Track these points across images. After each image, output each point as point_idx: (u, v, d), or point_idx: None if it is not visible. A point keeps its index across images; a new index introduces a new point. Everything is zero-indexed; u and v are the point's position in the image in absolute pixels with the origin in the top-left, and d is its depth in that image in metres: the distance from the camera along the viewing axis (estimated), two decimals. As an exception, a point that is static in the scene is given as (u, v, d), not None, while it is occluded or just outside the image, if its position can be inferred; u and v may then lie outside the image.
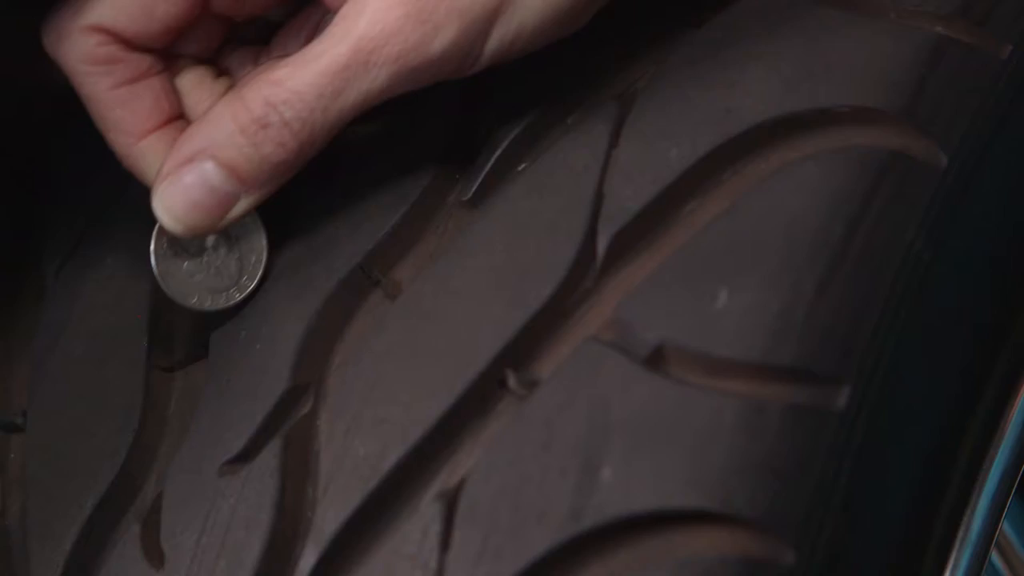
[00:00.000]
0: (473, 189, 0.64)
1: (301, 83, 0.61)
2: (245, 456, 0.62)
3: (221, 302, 0.67)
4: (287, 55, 0.65)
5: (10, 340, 0.77)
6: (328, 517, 0.58)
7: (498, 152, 0.64)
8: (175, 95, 0.67)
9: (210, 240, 0.67)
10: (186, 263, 0.67)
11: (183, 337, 0.70)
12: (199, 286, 0.67)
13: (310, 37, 0.68)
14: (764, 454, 0.53)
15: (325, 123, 0.62)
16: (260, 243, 0.68)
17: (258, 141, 0.62)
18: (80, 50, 0.64)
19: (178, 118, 0.67)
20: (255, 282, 0.67)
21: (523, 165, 0.64)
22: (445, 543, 0.55)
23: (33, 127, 0.72)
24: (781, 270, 0.56)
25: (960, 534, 0.64)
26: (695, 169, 0.59)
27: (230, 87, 0.69)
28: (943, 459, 0.62)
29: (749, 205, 0.58)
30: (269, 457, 0.61)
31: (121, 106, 0.65)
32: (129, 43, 0.64)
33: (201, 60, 0.69)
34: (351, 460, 0.58)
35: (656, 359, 0.56)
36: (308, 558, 0.57)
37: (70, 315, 0.73)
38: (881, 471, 0.58)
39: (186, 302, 0.67)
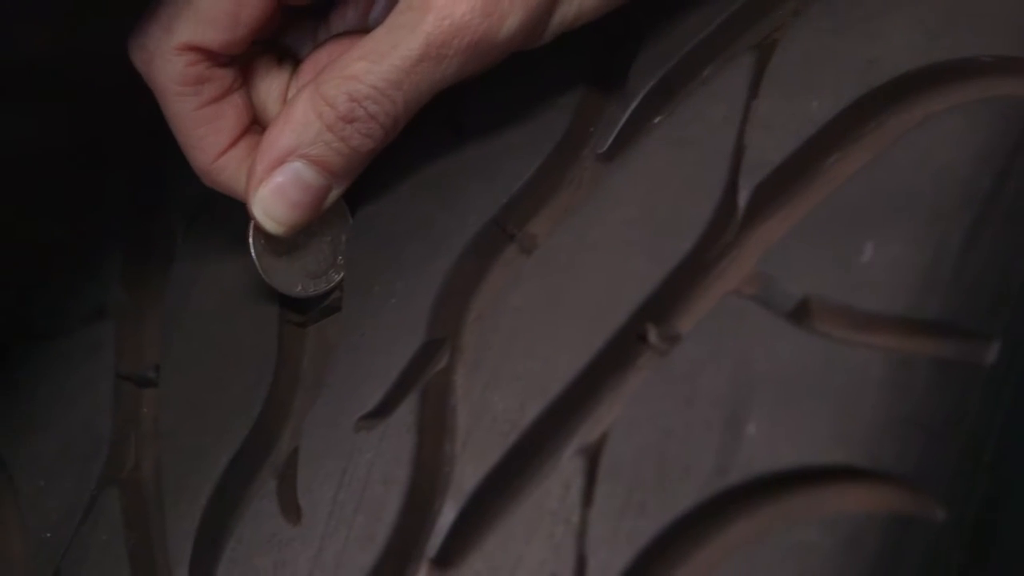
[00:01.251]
0: (608, 142, 0.64)
1: (379, 78, 0.62)
2: (381, 411, 0.62)
3: (322, 285, 0.68)
4: (350, 32, 0.67)
5: (141, 297, 0.77)
6: (467, 473, 0.57)
7: (633, 104, 0.64)
8: (251, 106, 0.69)
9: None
10: (284, 255, 0.68)
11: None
12: (299, 274, 0.68)
13: (367, 9, 0.69)
14: (912, 409, 0.53)
15: (406, 111, 0.63)
16: (346, 222, 0.69)
17: (346, 136, 0.63)
18: (172, 71, 0.65)
19: (251, 126, 0.68)
20: None
21: (659, 117, 0.63)
22: (588, 498, 0.55)
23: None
24: (928, 223, 0.55)
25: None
26: (838, 121, 0.59)
27: (293, 70, 0.70)
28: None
29: (893, 157, 0.57)
30: (406, 412, 0.61)
31: (206, 124, 0.66)
32: (217, 58, 0.66)
33: (262, 45, 0.70)
34: (489, 415, 0.58)
35: (800, 313, 0.55)
36: (447, 514, 0.57)
37: (201, 272, 0.74)
38: (1032, 428, 0.57)
39: (291, 291, 0.68)
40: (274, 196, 0.64)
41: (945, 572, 0.53)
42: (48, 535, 0.70)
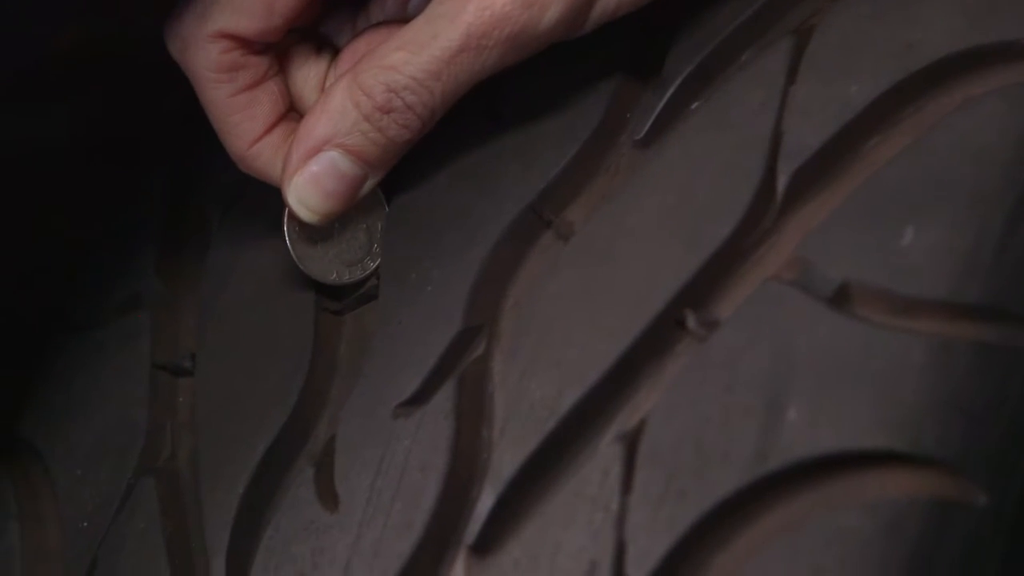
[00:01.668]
0: (646, 128, 0.63)
1: (418, 68, 0.62)
2: (419, 398, 0.62)
3: (358, 273, 0.68)
4: (389, 22, 0.67)
5: (176, 286, 0.77)
6: (505, 459, 0.57)
7: (670, 91, 0.63)
8: (288, 94, 0.69)
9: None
10: (319, 242, 0.68)
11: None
12: (335, 261, 0.68)
13: (407, 2, 0.69)
14: (953, 394, 0.52)
15: (444, 102, 0.63)
16: (382, 210, 0.69)
17: (383, 126, 0.63)
18: (206, 57, 0.65)
19: (288, 113, 0.68)
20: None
21: (696, 103, 0.63)
22: (627, 485, 0.54)
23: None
24: (968, 207, 0.55)
25: None
26: (876, 105, 0.58)
27: (332, 59, 0.70)
28: None
29: (933, 141, 0.57)
30: (443, 399, 0.60)
31: (241, 111, 0.66)
32: (251, 45, 0.66)
33: (301, 33, 0.70)
34: (527, 402, 0.58)
35: (840, 298, 0.54)
36: (486, 500, 0.57)
37: (236, 260, 0.74)
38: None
39: (326, 279, 0.68)
40: (309, 185, 0.64)
41: (987, 557, 0.52)
42: (85, 525, 0.70)
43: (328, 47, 0.70)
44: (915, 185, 0.56)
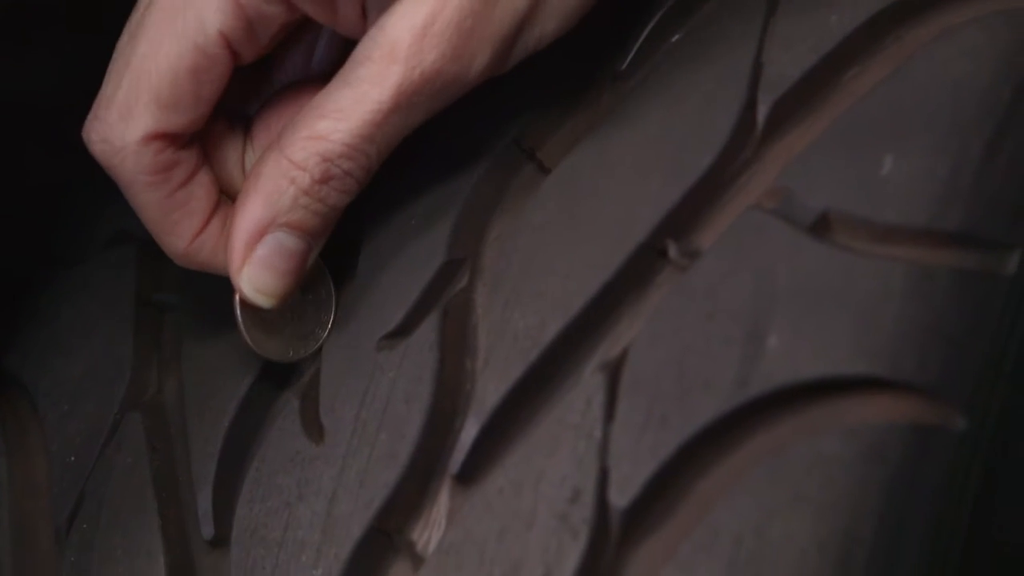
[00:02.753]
0: (627, 61, 0.64)
1: (350, 134, 0.60)
2: (403, 330, 0.62)
3: (312, 345, 0.66)
4: (294, 86, 0.66)
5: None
6: (489, 389, 0.58)
7: (651, 24, 0.64)
8: (216, 179, 0.66)
9: None
10: (273, 324, 0.66)
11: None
12: (289, 338, 0.66)
13: (308, 58, 0.68)
14: (933, 320, 0.53)
15: (379, 158, 0.62)
16: (324, 275, 0.67)
17: (323, 196, 0.62)
18: (140, 163, 0.62)
19: (220, 197, 0.66)
20: (332, 314, 0.67)
21: (677, 36, 0.63)
22: (609, 413, 0.55)
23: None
24: (947, 135, 0.55)
25: None
26: (856, 35, 0.58)
27: (245, 129, 0.68)
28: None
29: (912, 70, 0.57)
30: (427, 331, 0.61)
31: (179, 208, 0.63)
32: (181, 139, 0.62)
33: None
34: (510, 333, 0.58)
35: (821, 226, 0.55)
36: (470, 430, 0.58)
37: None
38: (1052, 337, 0.57)
39: (285, 357, 0.66)
40: (261, 270, 0.62)
41: (965, 481, 0.53)
42: (72, 459, 0.71)
43: (237, 118, 0.68)
44: (894, 114, 0.56)
